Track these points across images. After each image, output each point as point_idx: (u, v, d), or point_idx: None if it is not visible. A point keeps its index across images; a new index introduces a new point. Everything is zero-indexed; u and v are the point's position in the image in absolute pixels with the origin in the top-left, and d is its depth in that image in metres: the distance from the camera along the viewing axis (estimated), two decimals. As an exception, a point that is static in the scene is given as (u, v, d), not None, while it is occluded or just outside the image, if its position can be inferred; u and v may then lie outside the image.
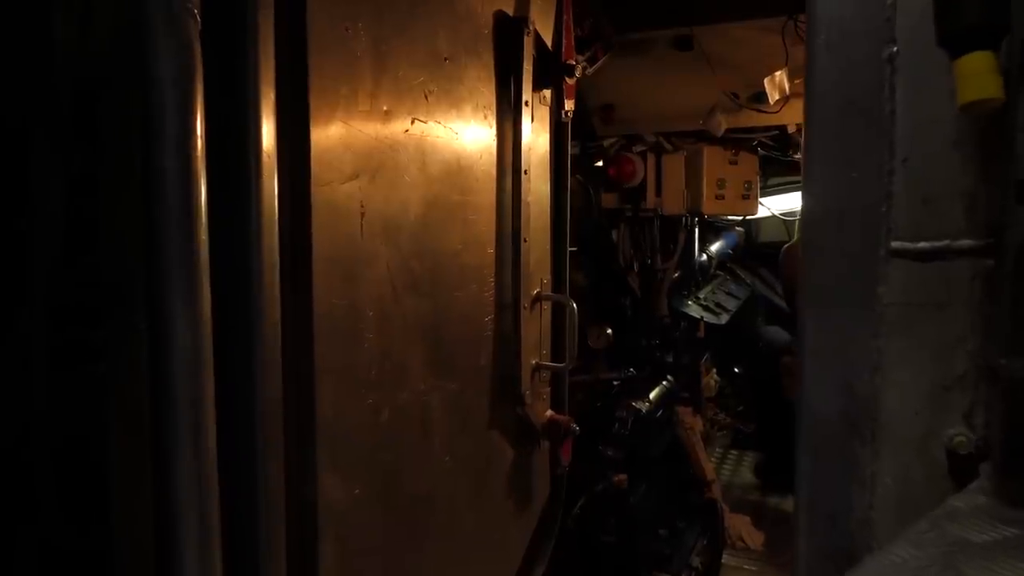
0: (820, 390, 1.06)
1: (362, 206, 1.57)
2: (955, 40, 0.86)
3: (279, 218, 1.37)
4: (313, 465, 1.49)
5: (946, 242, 0.97)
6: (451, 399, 1.87)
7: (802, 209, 1.09)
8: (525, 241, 2.09)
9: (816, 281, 1.06)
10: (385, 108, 1.63)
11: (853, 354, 1.03)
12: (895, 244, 0.99)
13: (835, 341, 1.04)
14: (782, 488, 4.48)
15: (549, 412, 2.23)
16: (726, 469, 4.89)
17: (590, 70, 2.58)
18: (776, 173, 4.81)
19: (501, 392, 2.07)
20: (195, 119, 1.17)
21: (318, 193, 1.46)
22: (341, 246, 1.53)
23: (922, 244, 0.98)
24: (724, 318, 4.68)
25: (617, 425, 3.26)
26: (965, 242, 0.96)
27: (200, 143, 1.17)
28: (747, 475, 4.79)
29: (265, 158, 1.32)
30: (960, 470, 0.97)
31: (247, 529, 1.35)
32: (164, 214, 1.16)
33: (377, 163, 1.61)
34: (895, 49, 0.98)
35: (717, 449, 5.11)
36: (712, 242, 5.22)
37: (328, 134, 1.49)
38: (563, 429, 2.19)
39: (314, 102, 1.45)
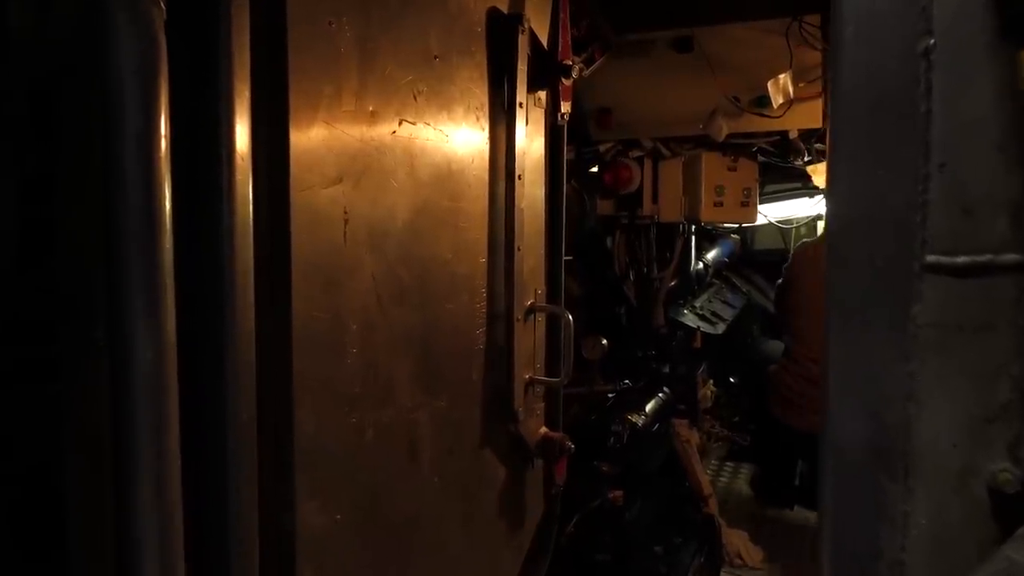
0: (845, 418, 0.96)
1: (346, 212, 1.48)
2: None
3: (255, 224, 1.27)
4: (291, 490, 1.39)
5: (988, 256, 0.87)
6: (440, 416, 1.77)
7: (826, 218, 0.99)
8: (519, 249, 1.99)
9: (840, 297, 0.96)
10: (371, 108, 1.54)
11: (882, 379, 0.93)
12: (931, 258, 0.89)
13: (862, 365, 0.94)
14: (779, 502, 4.39)
15: (543, 429, 2.13)
16: (722, 482, 4.79)
17: (587, 71, 2.49)
18: (773, 180, 4.73)
19: (493, 408, 1.97)
20: (159, 116, 1.07)
21: (298, 198, 1.37)
22: (323, 254, 1.44)
23: (961, 258, 0.88)
24: (721, 328, 4.58)
25: (612, 439, 3.16)
26: (1010, 256, 0.87)
27: (165, 142, 1.07)
28: (743, 488, 4.69)
29: (239, 159, 1.23)
30: (1005, 511, 0.87)
31: (217, 563, 1.24)
32: (124, 219, 1.06)
33: (362, 166, 1.52)
34: (932, 42, 0.88)
35: (713, 461, 5.02)
36: (708, 250, 5.13)
37: (309, 135, 1.40)
38: (558, 447, 2.09)
39: (294, 100, 1.36)
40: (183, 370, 1.16)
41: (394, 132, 1.60)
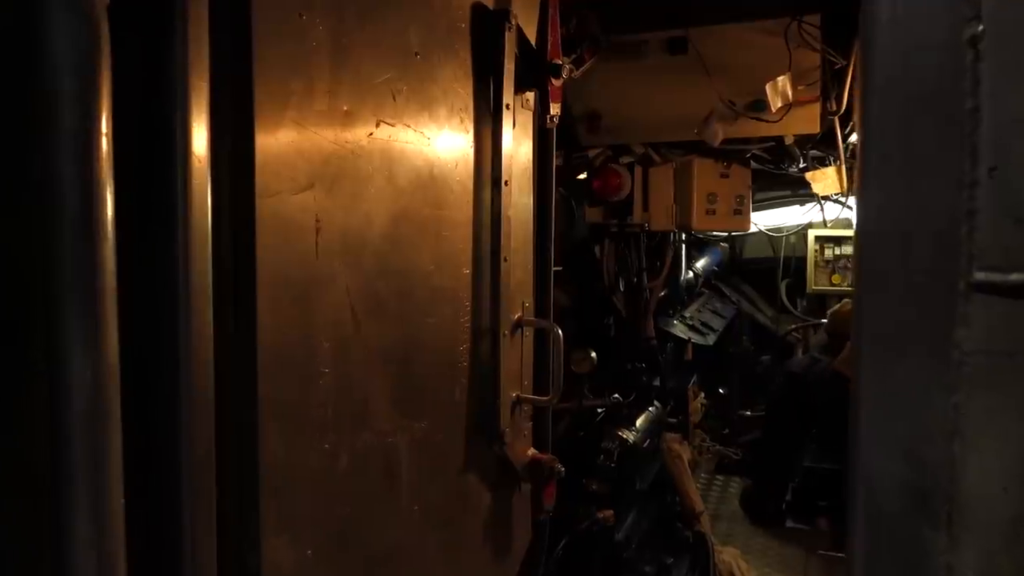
0: (879, 457, 0.85)
1: (317, 221, 1.36)
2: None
3: (214, 234, 1.15)
4: (256, 526, 1.27)
5: (1046, 274, 0.76)
6: (421, 440, 1.65)
7: (856, 230, 0.88)
8: (505, 260, 1.87)
9: (873, 321, 0.85)
10: (346, 108, 1.42)
11: (922, 414, 0.81)
12: (979, 276, 0.78)
13: (898, 397, 0.83)
14: (771, 519, 4.28)
15: (531, 451, 2.01)
16: (712, 497, 4.68)
17: (577, 73, 2.37)
18: (762, 188, 4.63)
19: (477, 430, 1.84)
20: (100, 114, 0.95)
21: (264, 205, 1.25)
22: (291, 266, 1.32)
23: (1014, 276, 0.77)
24: (711, 338, 4.48)
25: (603, 456, 3.05)
26: (1071, 274, 0.76)
27: (106, 143, 0.95)
28: (734, 503, 4.58)
29: (195, 162, 1.11)
30: (1067, 567, 0.76)
31: (170, 613, 1.12)
32: (59, 229, 0.94)
33: (336, 171, 1.40)
34: (980, 28, 0.77)
35: (703, 475, 4.91)
36: (697, 258, 5.03)
37: (276, 136, 1.28)
38: (547, 471, 1.97)
39: (259, 98, 1.24)
40: (131, 398, 1.04)
41: (371, 134, 1.48)
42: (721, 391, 5.24)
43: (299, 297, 1.34)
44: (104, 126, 0.95)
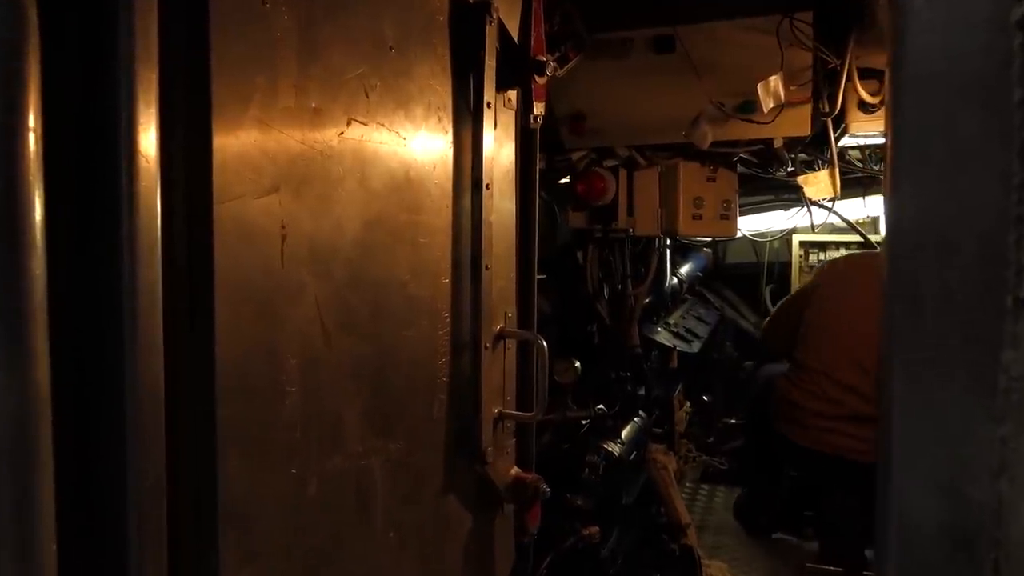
0: (914, 495, 0.75)
1: (283, 227, 1.25)
2: None
3: (165, 242, 1.04)
4: (214, 562, 1.16)
5: (1107, 288, 0.67)
6: (396, 462, 1.54)
7: (885, 237, 0.78)
8: (487, 268, 1.77)
9: (906, 341, 0.75)
10: (314, 105, 1.31)
11: (964, 447, 0.72)
12: (1030, 290, 0.68)
13: (937, 428, 0.73)
14: (761, 527, 4.19)
15: (514, 470, 1.90)
16: (698, 507, 4.59)
17: (561, 71, 2.27)
18: (745, 192, 4.55)
19: (458, 449, 1.73)
20: (25, 107, 0.84)
21: (223, 210, 1.14)
22: (255, 277, 1.21)
23: (1071, 290, 0.67)
24: (696, 345, 4.39)
25: (587, 470, 2.94)
26: None
27: (33, 139, 0.84)
28: (721, 514, 4.49)
29: (142, 162, 1.00)
30: None
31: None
32: (-22, 238, 0.82)
33: (303, 173, 1.29)
34: (1031, 8, 0.67)
35: (687, 484, 4.82)
36: (681, 264, 4.94)
37: (237, 135, 1.17)
38: (531, 491, 1.86)
39: (218, 93, 1.13)
40: (67, 427, 0.93)
41: (342, 133, 1.37)
42: (705, 398, 5.15)
43: (263, 310, 1.23)
44: (31, 121, 0.84)
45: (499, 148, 1.83)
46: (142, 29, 0.99)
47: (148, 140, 1.00)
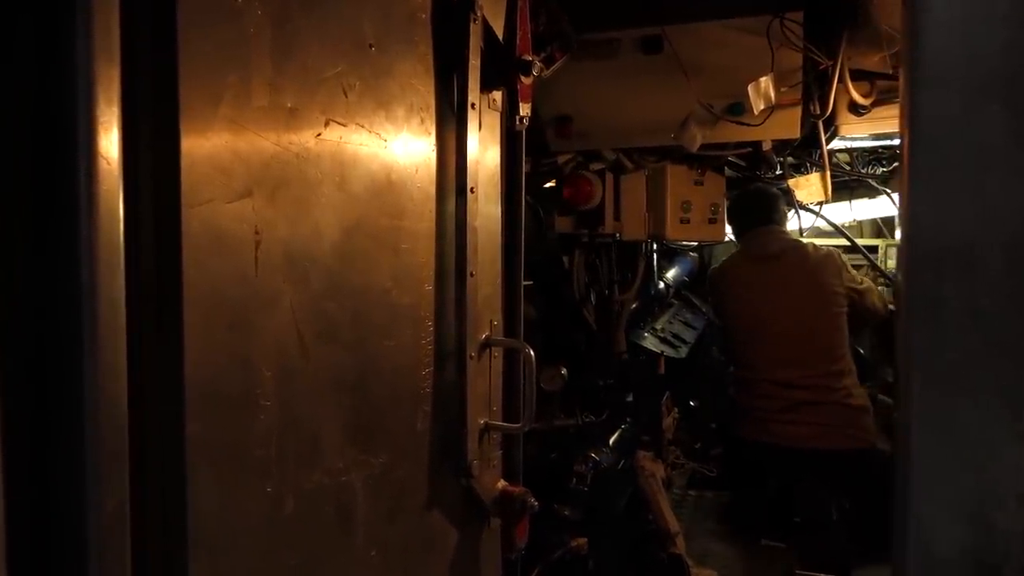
0: (936, 520, 0.69)
1: (257, 232, 1.19)
2: None
3: (129, 249, 0.98)
4: (181, 590, 1.09)
5: None
6: (378, 477, 1.48)
7: (901, 243, 0.72)
8: (472, 275, 1.71)
9: (927, 357, 0.70)
10: (290, 105, 1.26)
11: (989, 468, 0.66)
12: (1061, 299, 0.63)
13: (961, 449, 0.68)
14: (751, 531, 4.14)
15: (501, 483, 1.84)
16: (685, 513, 4.53)
17: (547, 72, 2.21)
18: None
19: (442, 462, 1.67)
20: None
21: (192, 216, 1.08)
22: (227, 286, 1.15)
23: (1105, 300, 0.62)
24: (684, 351, 4.33)
25: (575, 480, 2.88)
26: None
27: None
28: (709, 520, 4.43)
29: (103, 165, 0.93)
30: None
31: None
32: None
33: (278, 176, 1.23)
34: (1058, -4, 0.62)
35: (675, 490, 4.76)
36: (667, 268, 4.89)
37: (207, 136, 1.11)
38: (519, 504, 1.80)
39: (186, 91, 1.07)
40: (22, 446, 0.87)
41: (319, 135, 1.31)
42: (692, 404, 5.10)
43: (235, 320, 1.17)
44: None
45: (484, 151, 1.77)
46: (102, 24, 0.93)
47: (109, 141, 0.93)
